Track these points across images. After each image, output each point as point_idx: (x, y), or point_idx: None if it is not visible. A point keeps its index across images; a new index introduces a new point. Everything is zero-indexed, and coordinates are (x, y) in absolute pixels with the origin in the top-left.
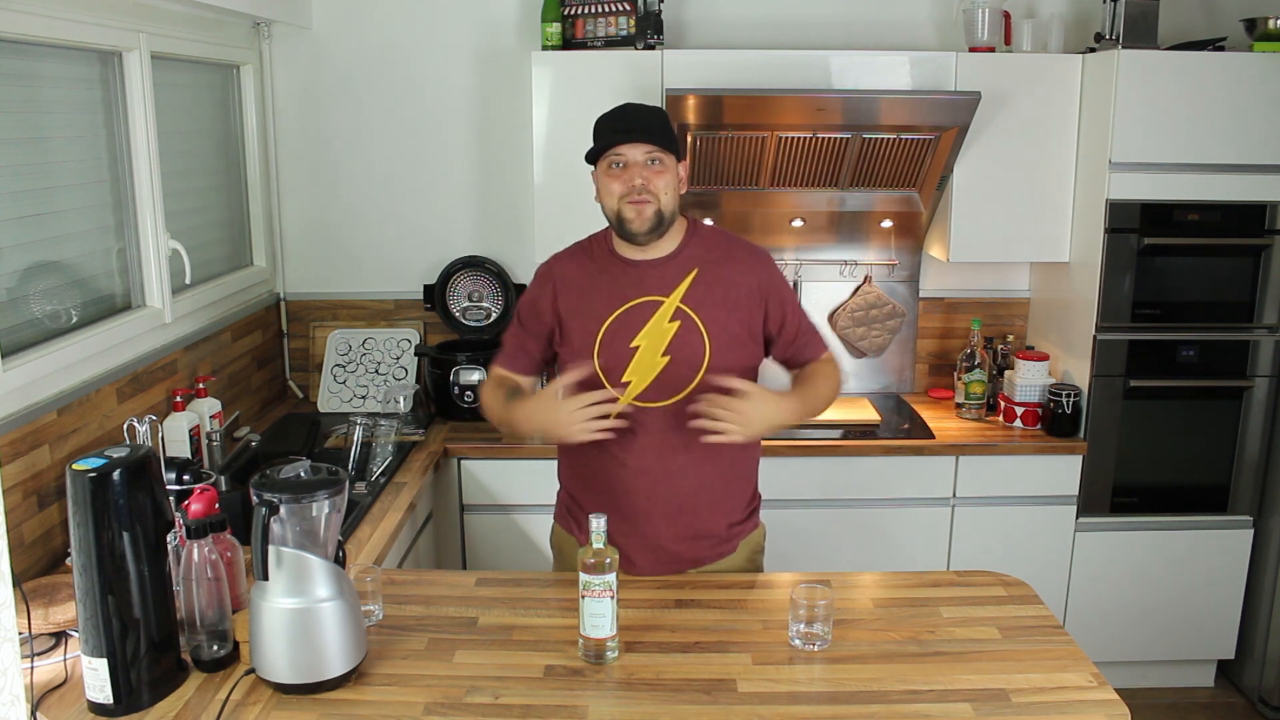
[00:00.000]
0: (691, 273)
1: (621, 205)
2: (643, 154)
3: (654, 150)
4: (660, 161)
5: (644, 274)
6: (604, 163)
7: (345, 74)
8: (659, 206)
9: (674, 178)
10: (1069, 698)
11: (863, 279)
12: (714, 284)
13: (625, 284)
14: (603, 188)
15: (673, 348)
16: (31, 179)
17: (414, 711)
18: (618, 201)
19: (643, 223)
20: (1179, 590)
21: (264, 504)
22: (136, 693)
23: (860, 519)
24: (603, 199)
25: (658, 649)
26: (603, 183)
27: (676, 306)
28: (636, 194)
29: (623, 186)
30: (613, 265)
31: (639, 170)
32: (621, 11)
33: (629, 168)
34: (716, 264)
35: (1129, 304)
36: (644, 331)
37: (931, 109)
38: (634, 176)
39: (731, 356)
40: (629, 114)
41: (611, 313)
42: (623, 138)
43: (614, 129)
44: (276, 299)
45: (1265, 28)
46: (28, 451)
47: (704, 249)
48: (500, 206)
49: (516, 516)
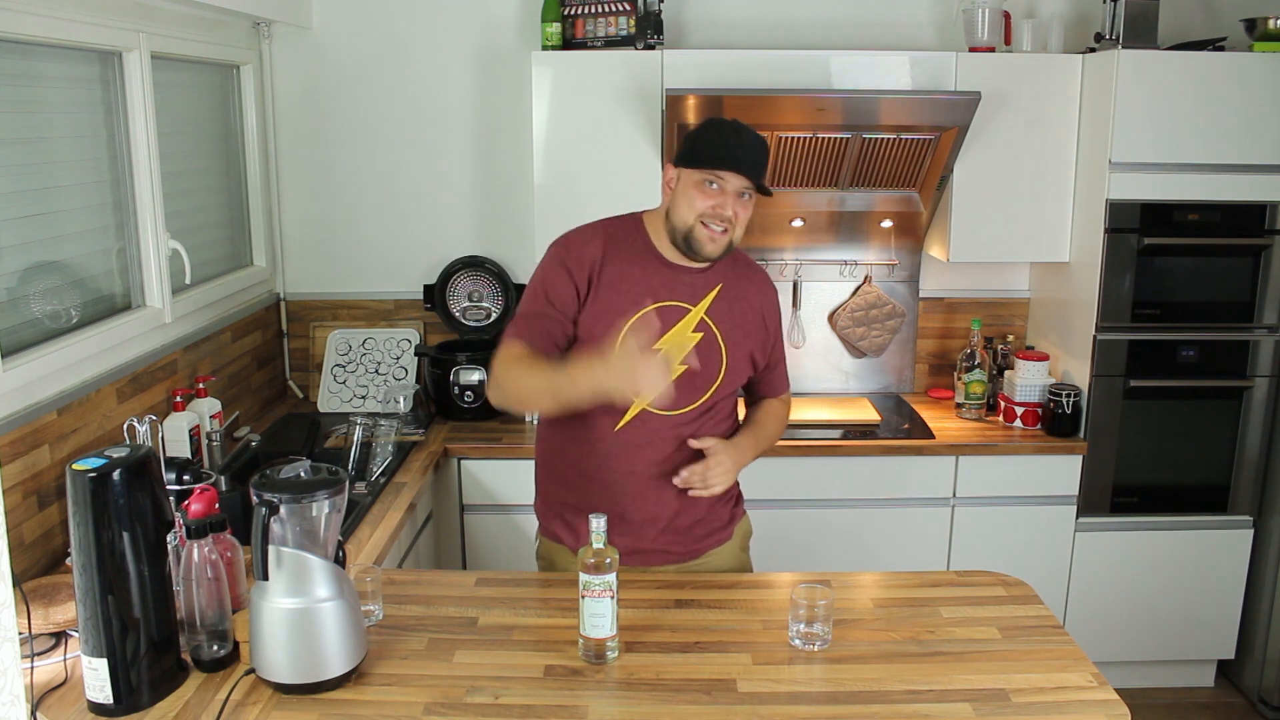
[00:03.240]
0: (717, 287)
1: (698, 224)
2: (741, 185)
3: (750, 186)
4: (750, 196)
5: (678, 277)
6: (699, 175)
7: (345, 74)
8: (732, 239)
9: (750, 213)
10: (1069, 698)
11: (863, 279)
12: (734, 302)
13: (656, 283)
14: (684, 197)
15: (691, 359)
16: (31, 179)
17: (414, 711)
18: (695, 218)
19: (715, 249)
20: (1179, 590)
21: (264, 504)
22: (136, 693)
23: (860, 519)
24: (678, 207)
25: (658, 649)
26: (688, 193)
27: (701, 318)
28: (719, 221)
29: (710, 209)
30: (646, 259)
31: (732, 201)
32: (621, 11)
33: (725, 194)
34: (737, 282)
35: (1129, 304)
36: (668, 337)
37: (931, 109)
38: (726, 206)
39: (738, 377)
40: (745, 140)
41: (640, 308)
42: (735, 166)
43: (729, 149)
44: (276, 299)
45: (1265, 28)
46: (28, 451)
47: (729, 265)
48: (500, 206)
49: (516, 516)
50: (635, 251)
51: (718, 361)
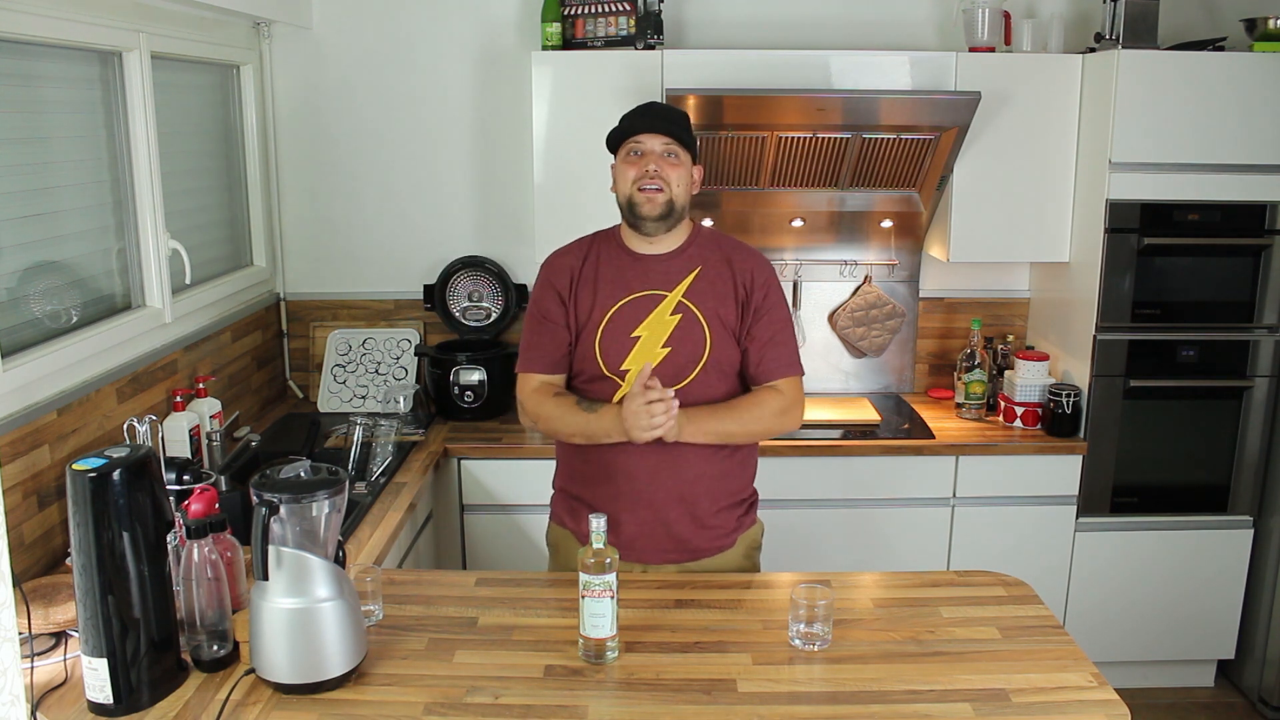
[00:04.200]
0: (695, 270)
1: (634, 191)
2: (661, 144)
3: (672, 143)
4: (676, 155)
5: (649, 267)
6: (623, 150)
7: (345, 74)
8: (670, 196)
9: (687, 173)
10: (1069, 698)
11: (863, 279)
12: (715, 281)
13: (630, 276)
14: (619, 174)
15: (673, 340)
16: (31, 179)
17: (414, 711)
18: (631, 186)
19: (653, 208)
20: (1179, 590)
21: (264, 504)
22: (136, 693)
23: (860, 519)
24: (618, 185)
25: (658, 649)
26: (620, 169)
27: (679, 301)
28: (649, 179)
29: (638, 172)
30: (619, 257)
31: (655, 159)
32: (621, 11)
33: (646, 156)
34: (718, 263)
35: (1129, 304)
36: (646, 323)
37: (931, 109)
38: (649, 163)
39: (726, 353)
40: (653, 108)
41: (615, 303)
42: (643, 125)
43: (639, 115)
44: (276, 299)
45: (1265, 28)
46: (28, 451)
47: (708, 249)
48: (500, 206)
49: (516, 516)
50: (610, 254)
51: (700, 339)
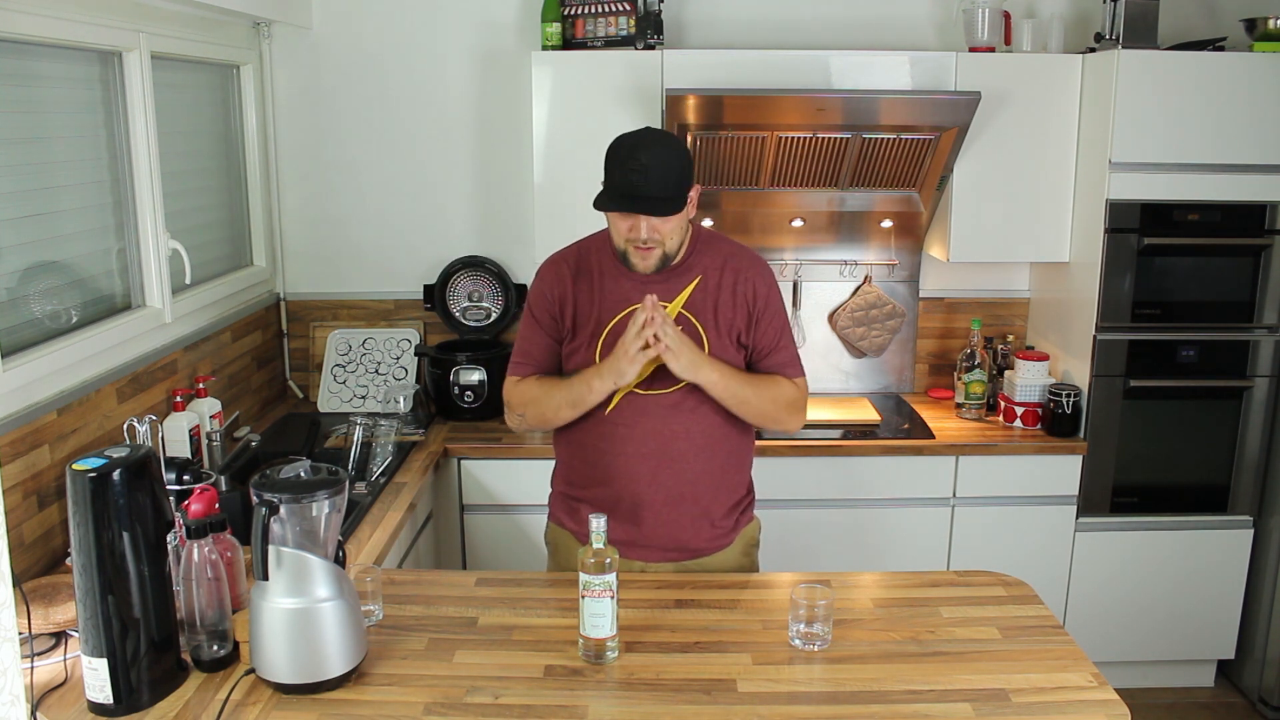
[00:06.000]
0: (694, 281)
1: (628, 247)
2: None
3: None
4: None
5: (649, 282)
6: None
7: (345, 74)
8: (665, 251)
9: (683, 219)
10: (1069, 698)
11: (863, 279)
12: (715, 289)
13: (629, 289)
14: (611, 225)
15: None
16: (31, 179)
17: (414, 711)
18: (624, 243)
19: (648, 268)
20: (1179, 590)
21: (264, 504)
22: (136, 693)
23: (860, 519)
24: (610, 231)
25: (658, 649)
26: (611, 221)
27: (679, 312)
28: (642, 243)
29: (630, 233)
30: (618, 271)
31: (647, 223)
32: (621, 11)
33: (637, 218)
34: (717, 271)
35: (1129, 304)
36: None
37: (931, 109)
38: (641, 230)
39: (726, 358)
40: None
41: (614, 317)
42: (632, 206)
43: (627, 188)
44: (276, 299)
45: (1265, 28)
46: (28, 451)
47: (707, 257)
48: (500, 206)
49: (516, 516)
50: (609, 265)
51: (697, 341)
